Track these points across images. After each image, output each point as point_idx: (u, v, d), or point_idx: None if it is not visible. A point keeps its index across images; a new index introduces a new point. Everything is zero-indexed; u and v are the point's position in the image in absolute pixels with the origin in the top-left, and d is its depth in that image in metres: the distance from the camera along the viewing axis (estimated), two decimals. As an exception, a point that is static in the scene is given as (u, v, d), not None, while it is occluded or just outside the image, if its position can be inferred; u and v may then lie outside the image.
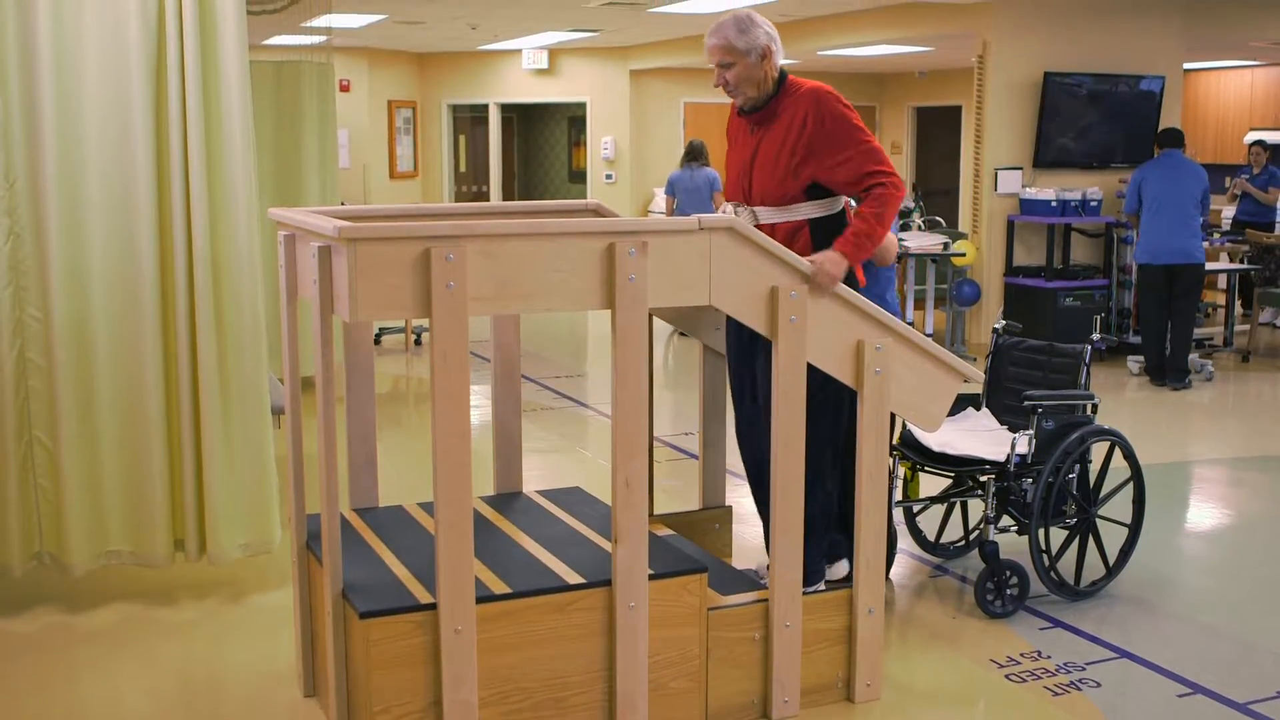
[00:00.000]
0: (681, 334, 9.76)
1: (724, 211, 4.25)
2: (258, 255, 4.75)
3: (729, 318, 4.28)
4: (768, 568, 3.86)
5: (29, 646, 4.49)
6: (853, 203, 4.25)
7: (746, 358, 4.36)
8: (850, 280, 3.90)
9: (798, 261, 3.65)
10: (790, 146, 4.07)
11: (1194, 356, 9.80)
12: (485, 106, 17.20)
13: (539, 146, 20.43)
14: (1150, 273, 9.45)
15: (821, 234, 4.08)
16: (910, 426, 5.01)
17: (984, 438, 5.12)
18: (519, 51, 16.45)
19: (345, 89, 15.42)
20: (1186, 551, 5.78)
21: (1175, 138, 9.62)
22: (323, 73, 8.55)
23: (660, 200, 14.87)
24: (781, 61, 4.14)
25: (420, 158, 17.21)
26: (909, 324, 9.77)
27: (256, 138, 5.08)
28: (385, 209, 4.48)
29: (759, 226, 4.08)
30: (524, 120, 20.11)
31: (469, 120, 18.12)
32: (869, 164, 4.02)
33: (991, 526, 4.89)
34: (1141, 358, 9.82)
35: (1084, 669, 4.38)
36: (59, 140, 4.52)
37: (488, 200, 17.46)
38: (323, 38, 8.95)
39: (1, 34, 4.48)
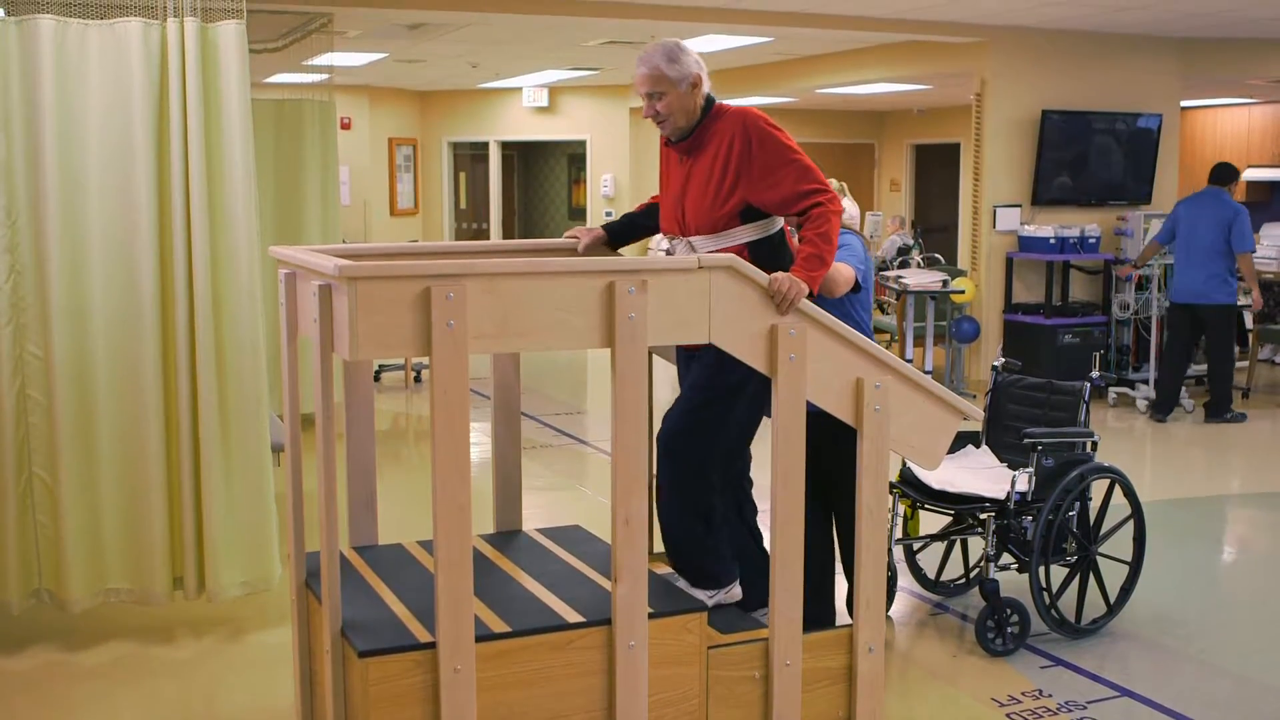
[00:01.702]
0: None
1: (657, 248, 4.22)
2: (258, 293, 4.76)
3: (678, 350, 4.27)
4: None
5: (27, 684, 4.48)
6: (792, 227, 4.20)
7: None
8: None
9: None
10: (720, 172, 3.97)
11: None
12: (486, 144, 17.27)
13: (539, 184, 20.49)
14: (1174, 310, 9.52)
15: (760, 257, 3.94)
16: (910, 464, 5.01)
17: (984, 475, 5.12)
18: (519, 89, 16.53)
19: (346, 126, 15.48)
20: (1188, 589, 5.77)
21: (1221, 174, 9.57)
22: (324, 110, 8.59)
23: (661, 238, 14.89)
24: (708, 90, 4.04)
25: (421, 195, 17.26)
26: (908, 361, 9.78)
27: (258, 175, 5.10)
28: (385, 247, 4.49)
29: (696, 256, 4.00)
30: (524, 158, 20.18)
31: (469, 158, 18.19)
32: (802, 183, 3.91)
33: (992, 564, 4.89)
34: (1150, 393, 9.85)
35: (1085, 707, 4.37)
36: (61, 178, 4.54)
37: (488, 237, 17.50)
38: (324, 76, 8.99)
39: (5, 71, 4.50)
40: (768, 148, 3.93)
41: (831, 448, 4.31)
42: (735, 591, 4.13)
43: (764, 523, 4.03)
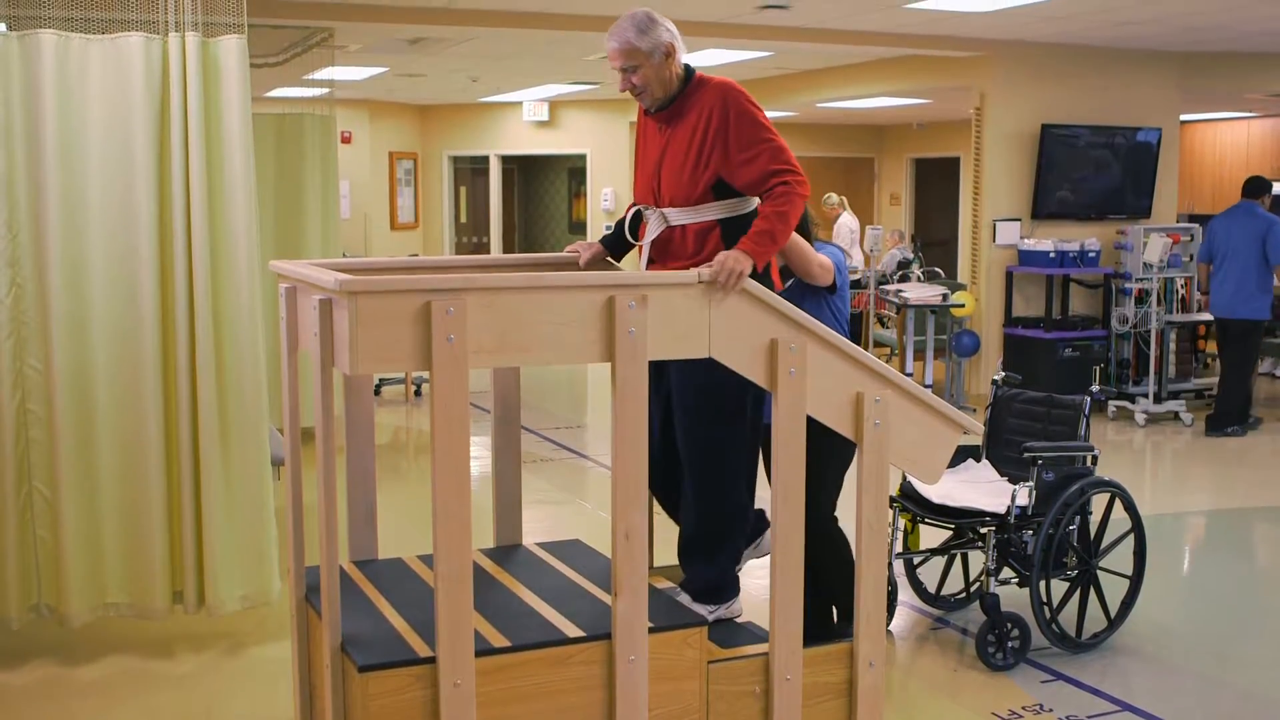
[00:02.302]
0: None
1: (629, 214, 4.18)
2: (259, 307, 4.77)
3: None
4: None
5: (26, 698, 4.47)
6: None
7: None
8: (768, 285, 3.84)
9: (784, 308, 3.66)
10: (699, 143, 3.92)
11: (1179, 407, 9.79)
12: (486, 158, 17.29)
13: (539, 198, 20.51)
14: (1218, 324, 9.59)
15: (732, 236, 3.89)
16: (910, 478, 5.01)
17: (984, 489, 5.12)
18: (519, 104, 16.56)
19: (347, 140, 15.50)
20: (1188, 603, 5.76)
21: (1253, 188, 9.57)
22: (324, 124, 8.61)
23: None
24: (684, 57, 4.00)
25: (421, 209, 17.28)
26: (908, 375, 9.78)
27: (258, 189, 5.11)
28: (385, 261, 4.49)
29: (669, 229, 3.98)
30: (524, 172, 20.21)
31: (470, 171, 18.21)
32: (773, 163, 3.85)
33: (992, 578, 4.88)
34: (1150, 407, 9.87)
35: (1086, 722, 4.36)
36: (62, 192, 4.54)
37: (489, 251, 17.51)
38: (325, 90, 9.01)
39: (7, 85, 4.51)
40: (745, 124, 3.88)
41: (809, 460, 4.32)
42: (736, 607, 4.13)
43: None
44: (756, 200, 4.01)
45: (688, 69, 3.99)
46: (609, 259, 4.29)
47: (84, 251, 4.58)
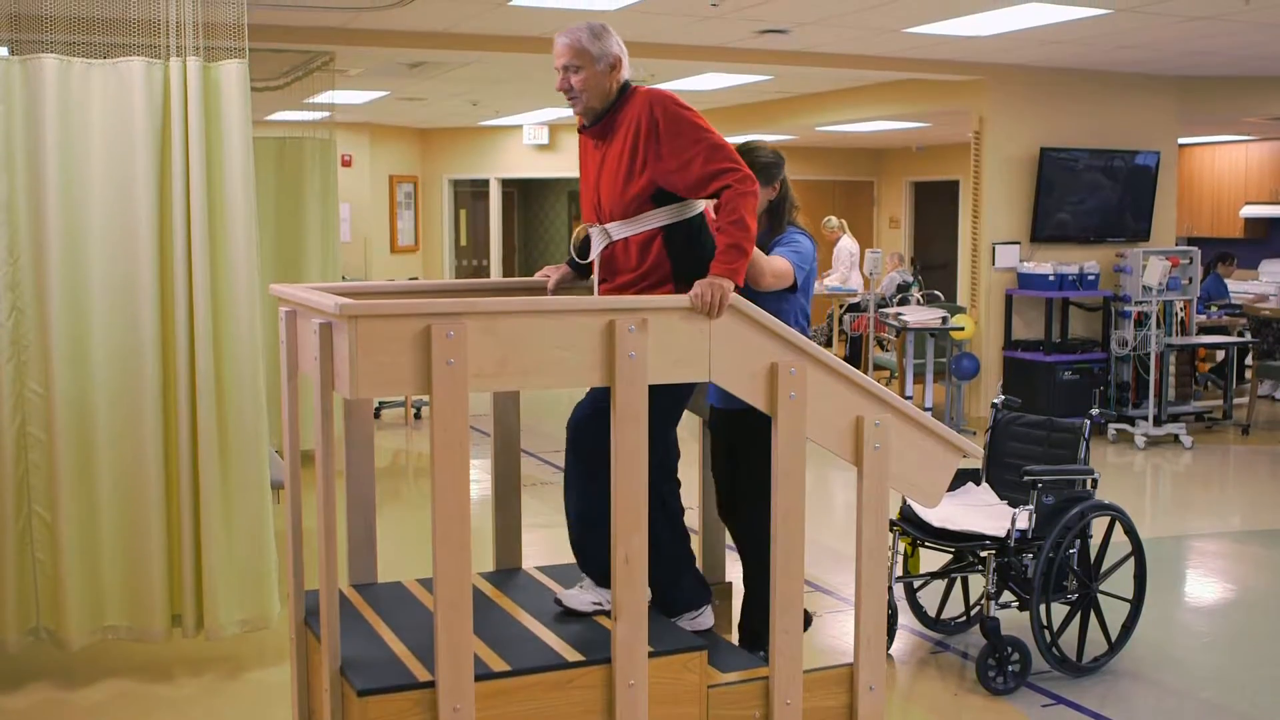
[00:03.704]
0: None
1: (578, 237, 4.15)
2: (259, 330, 4.77)
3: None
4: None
5: (24, 724, 4.46)
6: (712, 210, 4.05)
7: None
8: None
9: (784, 332, 3.66)
10: (630, 154, 3.86)
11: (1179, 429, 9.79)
12: (486, 181, 17.32)
13: (539, 221, 20.54)
14: None
15: (676, 242, 3.86)
16: (910, 502, 5.01)
17: (984, 513, 5.11)
18: (519, 127, 16.59)
19: (347, 164, 15.53)
20: (1189, 627, 5.75)
21: None
22: (325, 148, 8.63)
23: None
24: (628, 76, 3.94)
25: (421, 232, 17.30)
26: (908, 398, 9.78)
27: (259, 212, 5.12)
28: (385, 285, 4.50)
29: (613, 244, 3.92)
30: (524, 195, 20.24)
31: (470, 195, 18.24)
32: (711, 163, 3.73)
33: (993, 602, 4.88)
34: (1150, 430, 9.86)
35: (1087, 747, 4.35)
36: (63, 216, 4.55)
37: (489, 274, 17.53)
38: (325, 113, 9.04)
39: (9, 109, 4.53)
40: (674, 127, 3.78)
41: (747, 450, 4.30)
42: (704, 619, 4.10)
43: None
44: (702, 203, 3.94)
45: (625, 84, 3.93)
46: (575, 278, 4.28)
47: (85, 276, 4.59)
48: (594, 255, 3.99)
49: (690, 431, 4.65)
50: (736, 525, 4.61)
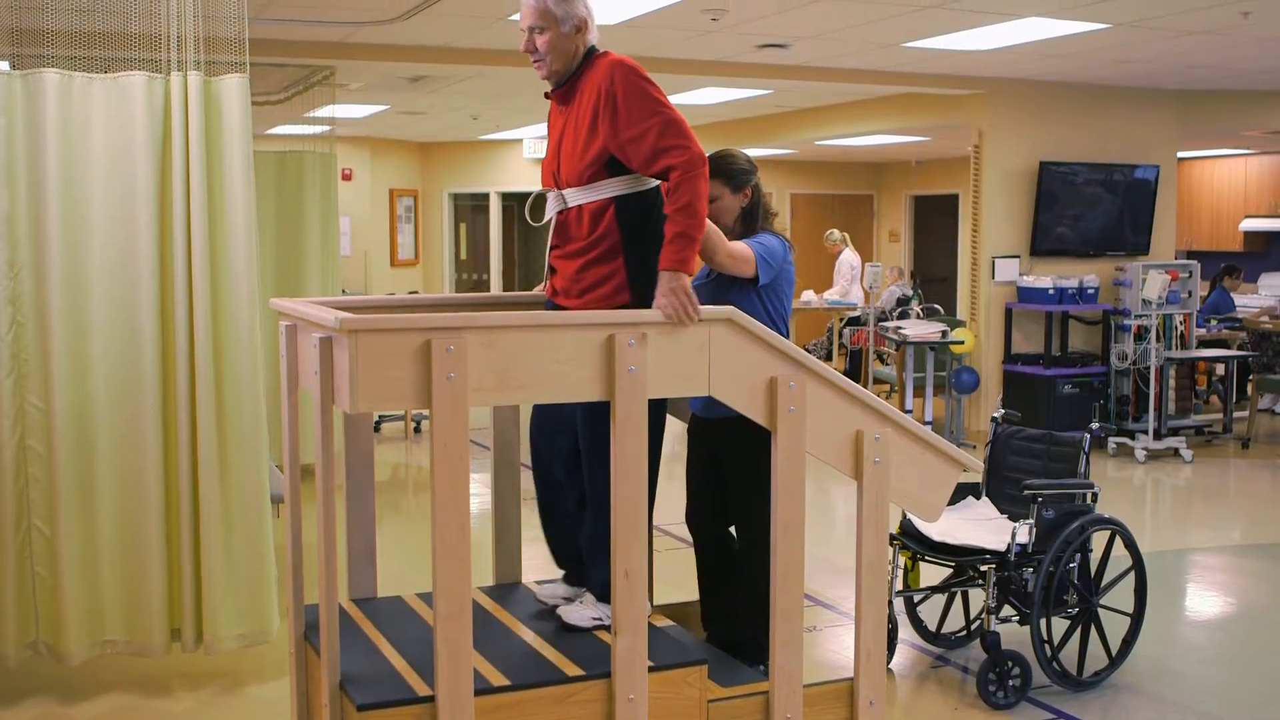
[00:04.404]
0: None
1: (531, 199, 4.10)
2: (259, 344, 4.77)
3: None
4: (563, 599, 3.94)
5: (23, 738, 4.45)
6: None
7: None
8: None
9: (784, 346, 3.66)
10: (588, 120, 3.79)
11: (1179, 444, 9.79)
12: (486, 195, 17.34)
13: (540, 235, 20.46)
14: None
15: (628, 214, 3.77)
16: (910, 516, 5.01)
17: (984, 527, 5.11)
18: (520, 141, 16.62)
19: (347, 178, 15.56)
20: (1189, 641, 5.75)
21: None
22: (325, 162, 8.65)
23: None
24: (595, 40, 3.87)
25: (421, 245, 17.32)
26: (907, 412, 9.78)
27: (259, 226, 5.12)
28: (385, 300, 4.50)
29: (567, 210, 3.87)
30: (525, 209, 20.22)
31: (470, 208, 18.26)
32: (661, 139, 3.62)
33: (993, 616, 4.87)
34: (1150, 443, 9.85)
35: (1088, 762, 4.34)
36: (64, 230, 4.56)
37: (489, 288, 17.54)
38: (326, 127, 9.05)
39: (10, 123, 4.54)
40: (632, 97, 3.68)
41: (734, 459, 4.28)
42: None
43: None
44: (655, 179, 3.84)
45: (591, 49, 3.88)
46: None
47: (85, 290, 4.59)
48: (547, 218, 3.94)
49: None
50: (717, 538, 4.54)
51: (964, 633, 5.52)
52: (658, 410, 3.77)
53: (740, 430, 3.81)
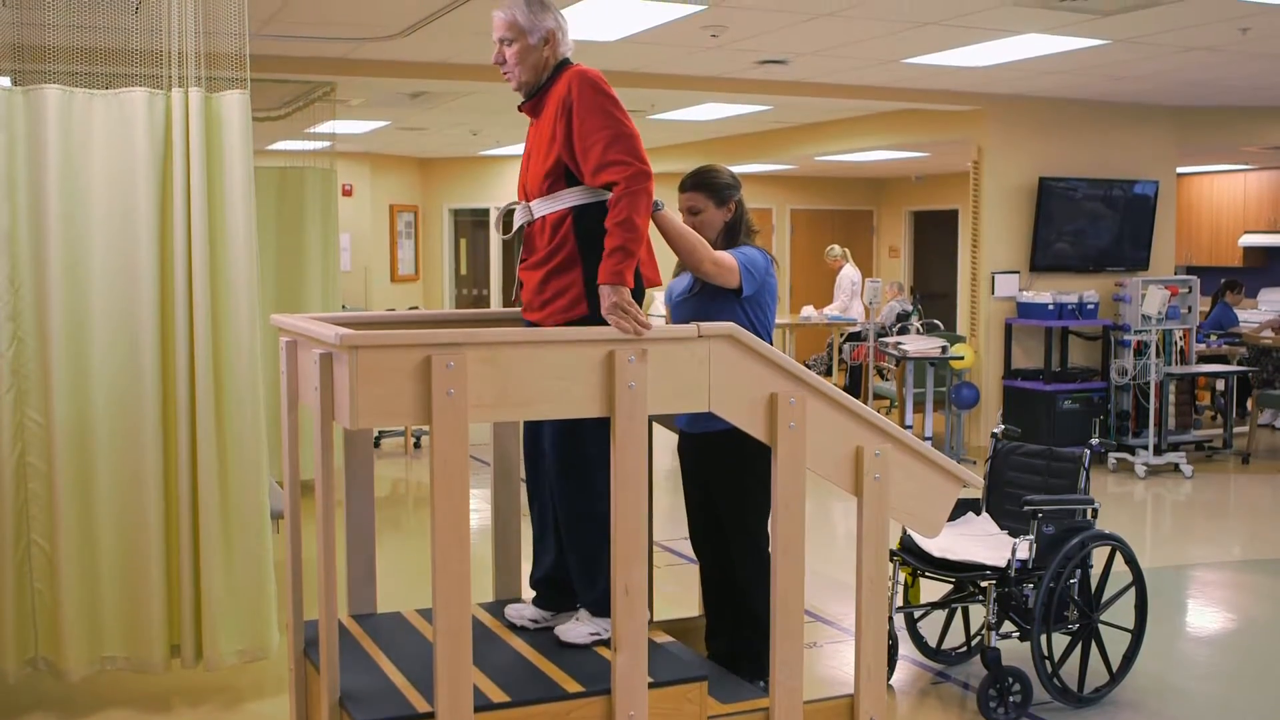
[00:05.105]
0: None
1: (500, 209, 4.12)
2: (259, 360, 4.78)
3: None
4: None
5: (21, 755, 4.44)
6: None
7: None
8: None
9: (784, 361, 3.67)
10: (548, 130, 3.83)
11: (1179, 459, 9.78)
12: (486, 210, 17.35)
13: (539, 249, 20.53)
14: None
15: (585, 224, 3.76)
16: (910, 532, 5.00)
17: (984, 543, 5.11)
18: (519, 157, 16.61)
19: (348, 193, 15.58)
20: (1190, 657, 5.74)
21: None
22: (325, 177, 8.66)
23: (660, 305, 14.95)
24: (567, 53, 3.90)
25: (421, 261, 17.33)
26: (907, 427, 9.78)
27: (259, 241, 5.13)
28: (385, 316, 4.50)
29: (532, 221, 3.89)
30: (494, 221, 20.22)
31: (470, 224, 18.28)
32: (610, 151, 3.61)
33: (993, 632, 4.86)
34: (1150, 459, 9.85)
35: (1089, 778, 4.33)
36: (64, 246, 4.56)
37: (489, 304, 17.55)
38: (326, 143, 9.07)
39: (11, 139, 4.54)
40: (586, 108, 3.68)
41: (723, 474, 4.28)
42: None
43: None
44: None
45: (564, 63, 3.89)
46: None
47: (86, 305, 4.60)
48: (514, 230, 3.97)
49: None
50: (713, 554, 4.53)
51: (964, 649, 5.51)
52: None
53: (727, 445, 3.81)
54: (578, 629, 3.92)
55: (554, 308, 3.80)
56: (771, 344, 4.24)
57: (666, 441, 4.63)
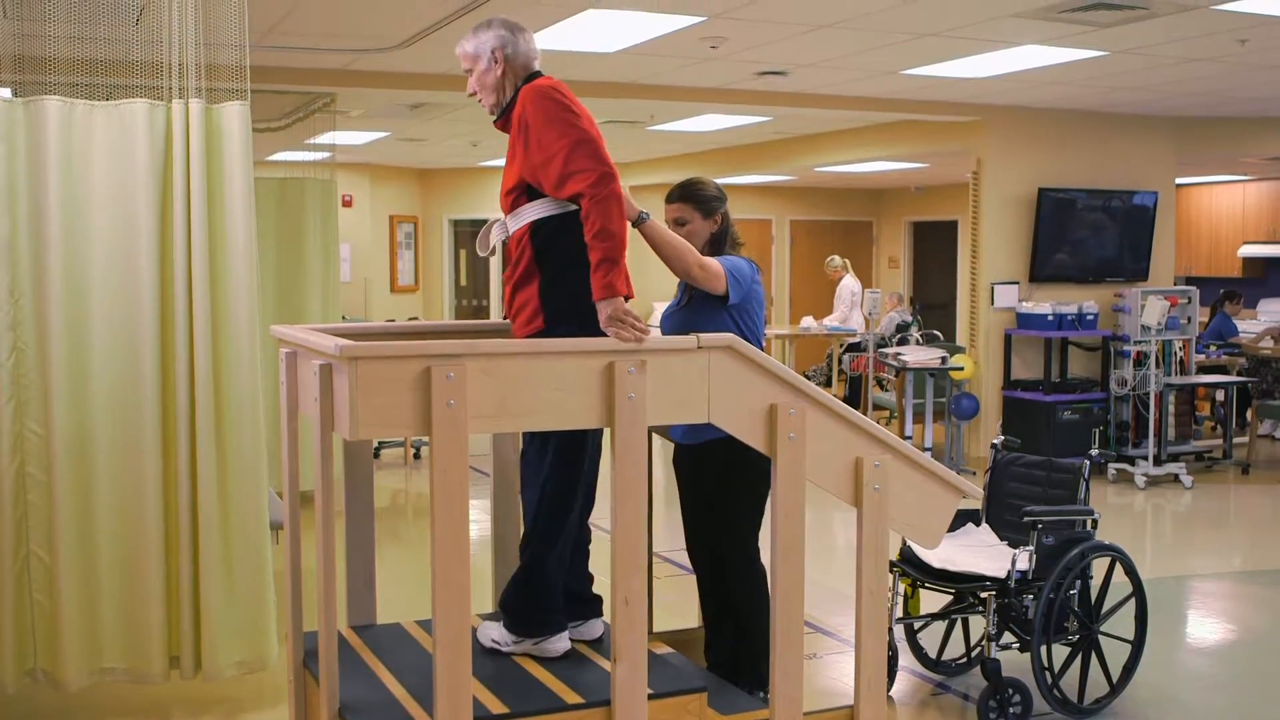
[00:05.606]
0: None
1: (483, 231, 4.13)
2: (259, 371, 4.78)
3: None
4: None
5: (20, 766, 4.44)
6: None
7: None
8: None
9: (783, 372, 3.67)
10: (512, 149, 3.80)
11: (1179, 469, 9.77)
12: (486, 221, 17.35)
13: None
14: None
15: (540, 237, 3.74)
16: (910, 543, 5.00)
17: (984, 554, 5.10)
18: (517, 168, 16.63)
19: (348, 204, 15.59)
20: (1190, 668, 5.73)
21: None
22: (325, 188, 8.67)
23: (656, 316, 14.96)
24: (531, 63, 3.86)
25: (421, 272, 17.34)
26: (907, 438, 9.78)
27: (259, 252, 5.13)
28: (385, 326, 4.50)
29: (508, 237, 3.88)
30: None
31: (470, 235, 18.29)
32: (569, 163, 3.55)
33: (993, 643, 4.86)
34: (1150, 469, 9.84)
35: (1089, 790, 4.32)
36: (65, 257, 4.57)
37: (488, 315, 17.56)
38: (326, 154, 9.08)
39: (12, 150, 4.55)
40: (540, 122, 3.63)
41: (717, 485, 4.28)
42: (549, 646, 3.90)
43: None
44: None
45: (531, 77, 3.85)
46: None
47: (86, 316, 4.60)
48: (490, 248, 3.99)
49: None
50: (709, 565, 4.54)
51: (964, 660, 5.50)
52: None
53: (721, 455, 3.81)
54: (490, 631, 3.95)
55: (519, 321, 3.84)
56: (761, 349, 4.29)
57: (664, 453, 4.63)
